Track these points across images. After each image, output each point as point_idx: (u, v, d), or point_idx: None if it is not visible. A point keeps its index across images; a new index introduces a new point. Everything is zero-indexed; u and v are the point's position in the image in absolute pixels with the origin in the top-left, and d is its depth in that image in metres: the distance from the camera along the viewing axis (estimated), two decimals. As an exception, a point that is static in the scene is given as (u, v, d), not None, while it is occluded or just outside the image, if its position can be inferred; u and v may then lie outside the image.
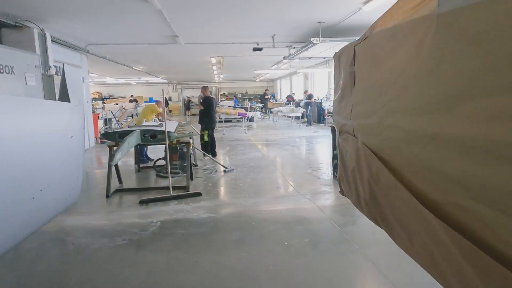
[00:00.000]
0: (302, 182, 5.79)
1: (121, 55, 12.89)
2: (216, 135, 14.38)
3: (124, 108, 19.54)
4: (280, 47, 10.89)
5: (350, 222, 3.73)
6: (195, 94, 31.66)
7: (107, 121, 16.00)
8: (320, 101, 17.47)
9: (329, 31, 9.03)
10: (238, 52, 12.80)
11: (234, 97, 29.87)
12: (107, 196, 5.20)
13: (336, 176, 5.84)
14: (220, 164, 7.09)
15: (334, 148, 5.94)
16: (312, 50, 11.39)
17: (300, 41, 10.67)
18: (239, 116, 14.51)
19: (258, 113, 24.63)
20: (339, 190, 2.42)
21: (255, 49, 10.59)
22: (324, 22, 8.38)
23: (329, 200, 4.78)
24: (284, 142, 11.05)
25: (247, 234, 3.53)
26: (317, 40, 8.58)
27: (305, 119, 16.97)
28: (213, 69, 18.68)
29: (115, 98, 29.37)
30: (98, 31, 9.03)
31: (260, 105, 26.34)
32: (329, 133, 14.13)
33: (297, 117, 16.88)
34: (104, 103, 23.42)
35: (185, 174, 6.57)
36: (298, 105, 19.42)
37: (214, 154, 8.61)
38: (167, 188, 5.59)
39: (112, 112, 13.35)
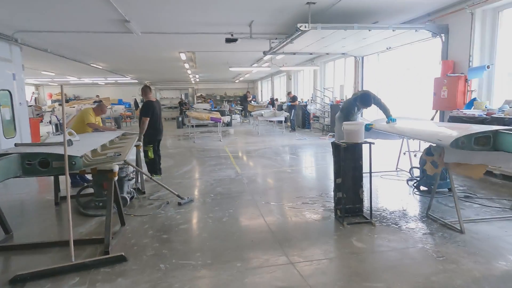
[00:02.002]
0: (291, 229, 3.84)
1: (67, 48, 10.64)
2: (185, 144, 12.29)
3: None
4: (259, 38, 8.96)
5: None
6: (168, 96, 29.46)
7: (58, 127, 13.65)
8: (304, 103, 15.68)
9: (321, 16, 7.17)
10: (210, 45, 10.78)
11: (208, 99, 27.73)
12: (-36, 264, 3.10)
13: (340, 216, 3.93)
14: (174, 193, 5.06)
15: (337, 174, 4.02)
16: (298, 43, 9.49)
17: (283, 32, 8.78)
18: (212, 122, 12.46)
19: (238, 116, 22.69)
20: None
21: (228, 40, 8.62)
22: (314, 3, 6.51)
23: (341, 281, 2.82)
24: (265, 153, 9.10)
25: None
26: (305, 27, 6.69)
27: (289, 124, 15.12)
28: (185, 67, 16.55)
29: (81, 99, 26.79)
30: (24, 13, 6.87)
31: (239, 107, 24.37)
32: (316, 141, 12.33)
33: (279, 121, 15.00)
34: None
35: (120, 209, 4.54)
36: (280, 108, 17.55)
37: (160, 172, 6.63)
38: (82, 241, 3.59)
39: (56, 116, 11.06)
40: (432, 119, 7.46)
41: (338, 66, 13.91)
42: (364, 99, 5.12)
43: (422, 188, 5.09)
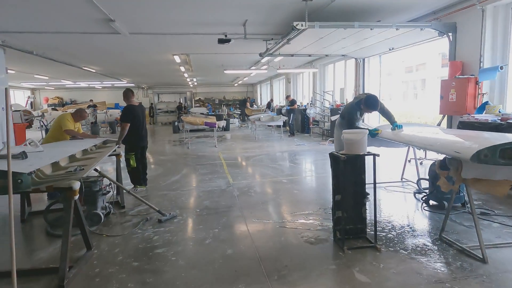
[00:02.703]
0: (281, 255, 3.30)
1: (54, 50, 10.15)
2: (178, 150, 11.70)
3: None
4: (254, 38, 8.47)
5: None
6: (167, 100, 28.90)
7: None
8: (304, 107, 15.17)
9: (319, 14, 6.67)
10: (203, 47, 10.30)
11: (206, 103, 27.28)
12: None
13: (339, 239, 3.40)
14: (155, 209, 4.54)
15: (335, 190, 3.49)
16: (295, 44, 9.03)
17: (279, 33, 8.28)
18: (207, 127, 11.93)
19: (236, 121, 22.21)
20: None
21: (221, 41, 8.12)
22: (311, 0, 6.02)
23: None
24: (261, 160, 8.58)
25: None
26: (302, 25, 6.19)
27: (287, 128, 14.61)
28: (181, 70, 16.08)
29: (77, 104, 26.41)
30: (3, 13, 6.42)
31: (238, 111, 23.90)
32: (315, 146, 11.69)
33: (278, 126, 14.47)
34: (56, 109, 20.42)
35: (93, 229, 4.04)
36: (279, 112, 17.04)
37: (145, 182, 6.16)
38: (37, 271, 3.07)
39: (44, 122, 10.55)
40: (439, 124, 6.93)
41: (338, 69, 13.42)
42: (370, 101, 4.52)
43: (431, 202, 4.55)
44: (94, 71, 15.77)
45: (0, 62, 8.85)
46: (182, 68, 15.39)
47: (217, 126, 11.63)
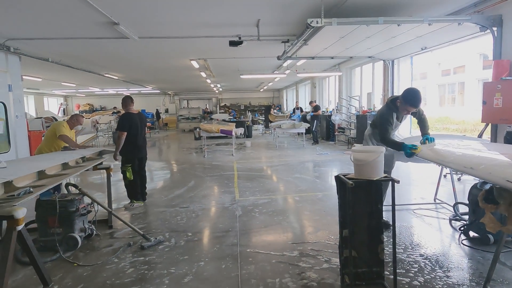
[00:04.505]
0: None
1: (69, 57, 10.05)
2: (193, 158, 11.20)
3: (98, 123, 16.81)
4: (269, 39, 7.84)
5: None
6: (194, 105, 28.90)
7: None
8: (329, 114, 14.29)
9: (337, 10, 5.93)
10: (218, 51, 9.78)
11: (230, 109, 26.96)
12: None
13: (348, 285, 2.65)
14: (139, 233, 3.99)
15: (343, 223, 2.74)
16: (314, 45, 8.29)
17: (295, 33, 7.59)
18: (223, 135, 11.38)
19: (260, 127, 21.65)
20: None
21: (232, 43, 7.54)
22: (328, -6, 5.31)
23: None
24: (276, 172, 7.88)
25: None
26: (317, 22, 5.47)
27: (311, 135, 13.80)
28: (202, 76, 15.74)
29: (106, 110, 27.05)
30: (12, 20, 6.28)
31: (262, 117, 23.32)
32: (339, 156, 10.59)
33: (301, 133, 13.68)
34: (83, 116, 20.83)
35: (68, 255, 3.56)
36: (304, 118, 16.22)
37: (143, 197, 5.67)
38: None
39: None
40: (481, 135, 5.92)
41: (365, 72, 12.47)
42: (410, 95, 3.44)
43: (472, 233, 3.67)
44: (116, 78, 15.81)
45: (16, 69, 8.79)
46: (203, 74, 15.05)
47: (234, 134, 11.03)
